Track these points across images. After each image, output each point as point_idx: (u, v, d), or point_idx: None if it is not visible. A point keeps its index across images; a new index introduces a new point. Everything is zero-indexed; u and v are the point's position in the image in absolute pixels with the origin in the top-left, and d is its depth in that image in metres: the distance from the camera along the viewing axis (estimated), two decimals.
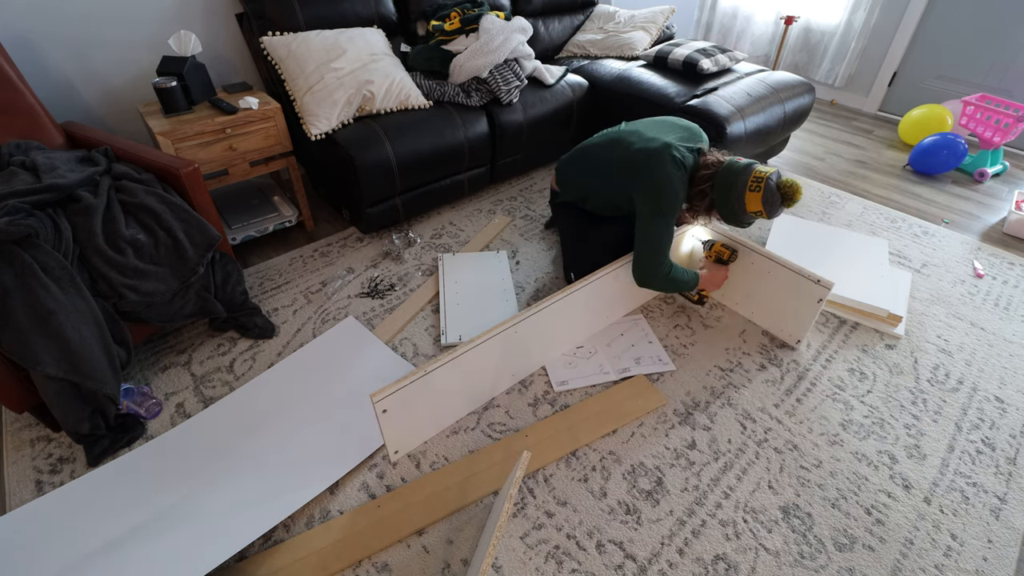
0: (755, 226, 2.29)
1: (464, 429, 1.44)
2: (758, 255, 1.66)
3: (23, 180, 1.34)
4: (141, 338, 1.51)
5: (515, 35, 2.27)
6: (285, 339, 1.71)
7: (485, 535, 1.09)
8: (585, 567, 1.15)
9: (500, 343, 1.40)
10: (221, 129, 1.79)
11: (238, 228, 2.03)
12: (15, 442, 1.40)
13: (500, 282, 1.92)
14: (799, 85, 2.50)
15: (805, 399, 1.54)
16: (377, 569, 1.14)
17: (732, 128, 2.16)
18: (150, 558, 1.13)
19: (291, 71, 1.94)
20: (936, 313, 1.86)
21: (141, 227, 1.41)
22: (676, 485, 1.31)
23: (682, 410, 1.50)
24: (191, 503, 1.24)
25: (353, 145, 1.88)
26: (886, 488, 1.32)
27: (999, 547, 1.21)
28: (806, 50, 3.79)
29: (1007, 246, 2.26)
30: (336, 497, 1.27)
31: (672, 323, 1.79)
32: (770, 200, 1.40)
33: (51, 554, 1.14)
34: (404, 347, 1.68)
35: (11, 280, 1.18)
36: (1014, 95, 3.01)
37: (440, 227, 2.27)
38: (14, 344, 1.17)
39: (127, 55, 1.94)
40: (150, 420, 1.45)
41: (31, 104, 1.58)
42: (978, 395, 1.56)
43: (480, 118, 2.18)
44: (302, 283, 1.95)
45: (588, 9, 3.01)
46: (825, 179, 2.75)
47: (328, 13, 2.10)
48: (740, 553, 1.18)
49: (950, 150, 2.69)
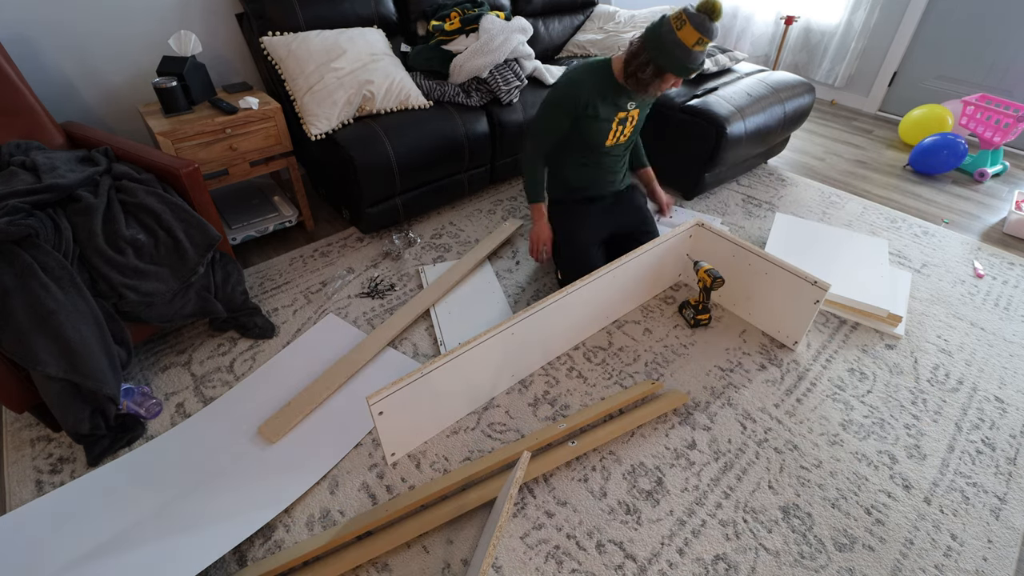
0: (755, 226, 2.29)
1: (464, 429, 1.44)
2: (756, 256, 1.66)
3: (23, 180, 1.34)
4: (141, 338, 1.51)
5: (515, 35, 2.27)
6: (285, 339, 1.71)
7: (485, 535, 1.09)
8: (585, 567, 1.15)
9: (499, 344, 1.40)
10: (221, 129, 1.79)
11: (238, 228, 2.03)
12: (15, 442, 1.40)
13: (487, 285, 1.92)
14: (799, 85, 2.50)
15: (805, 399, 1.54)
16: (377, 569, 1.14)
17: (732, 128, 2.16)
18: (150, 557, 1.13)
19: (291, 71, 1.94)
20: (936, 313, 1.86)
21: (141, 227, 1.41)
22: (676, 485, 1.31)
23: (682, 410, 1.50)
24: (190, 502, 1.24)
25: (353, 145, 1.88)
26: (886, 488, 1.32)
27: (999, 547, 1.21)
28: (806, 50, 3.79)
29: (1007, 246, 2.26)
30: (336, 497, 1.27)
31: (672, 323, 1.79)
32: (699, 23, 1.42)
33: (51, 554, 1.14)
34: (404, 347, 1.68)
35: (11, 280, 1.18)
36: (1014, 95, 3.01)
37: (440, 227, 2.27)
38: (14, 344, 1.17)
39: (127, 55, 1.94)
40: (150, 420, 1.45)
41: (31, 104, 1.58)
42: (978, 395, 1.56)
43: (480, 118, 2.18)
44: (302, 283, 1.95)
45: (588, 9, 3.01)
46: (825, 179, 2.75)
47: (328, 13, 2.10)
48: (740, 553, 1.18)
49: (950, 150, 2.69)
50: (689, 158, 2.32)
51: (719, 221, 2.29)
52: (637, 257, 1.64)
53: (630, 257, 1.61)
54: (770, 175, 2.74)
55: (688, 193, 2.47)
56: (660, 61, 1.48)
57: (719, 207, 2.44)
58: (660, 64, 1.48)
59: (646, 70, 1.51)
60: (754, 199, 2.51)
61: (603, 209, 1.83)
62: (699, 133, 2.22)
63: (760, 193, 2.57)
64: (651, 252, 1.69)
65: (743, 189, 2.60)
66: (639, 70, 1.52)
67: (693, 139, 2.25)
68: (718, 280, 1.63)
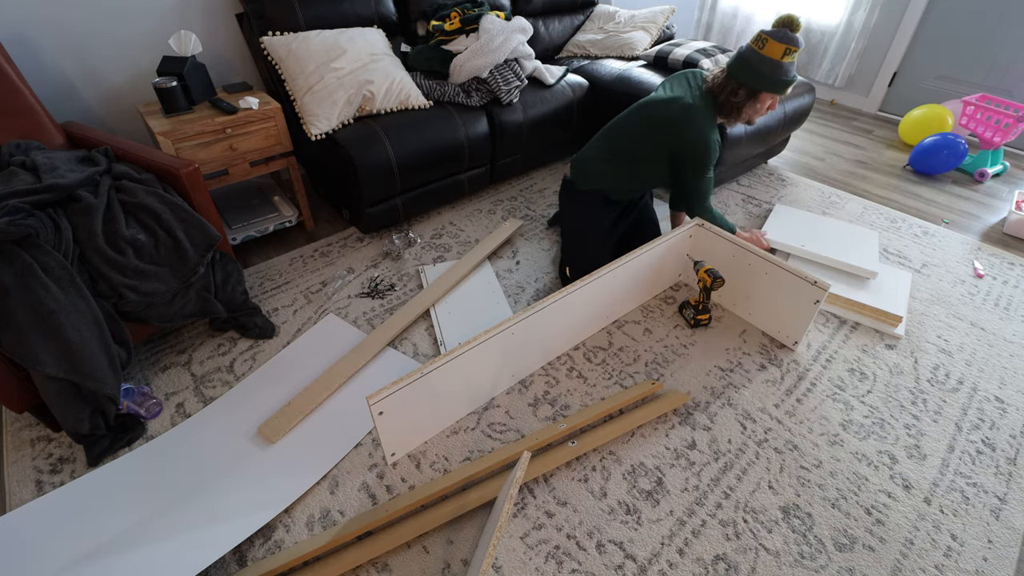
0: (755, 226, 2.29)
1: (464, 429, 1.44)
2: (756, 256, 1.66)
3: (23, 180, 1.34)
4: (141, 338, 1.51)
5: (515, 35, 2.27)
6: (285, 339, 1.71)
7: (485, 535, 1.09)
8: (585, 567, 1.15)
9: (499, 344, 1.40)
10: (221, 129, 1.79)
11: (238, 228, 2.03)
12: (15, 442, 1.40)
13: (487, 285, 1.92)
14: (799, 85, 2.50)
15: (805, 399, 1.54)
16: (377, 569, 1.14)
17: (732, 128, 2.16)
18: (150, 557, 1.13)
19: (291, 71, 1.94)
20: (936, 313, 1.86)
21: (141, 227, 1.41)
22: (676, 485, 1.31)
23: (682, 410, 1.50)
24: (190, 503, 1.24)
25: (353, 145, 1.88)
26: (886, 488, 1.32)
27: (999, 547, 1.21)
28: (806, 50, 3.78)
29: (1007, 246, 2.26)
30: (336, 498, 1.27)
31: (672, 323, 1.79)
32: (782, 36, 1.46)
33: (51, 554, 1.14)
34: (404, 347, 1.68)
35: (11, 280, 1.18)
36: (1014, 95, 3.00)
37: (440, 227, 2.27)
38: (14, 344, 1.17)
39: (127, 55, 1.94)
40: (150, 420, 1.45)
41: (31, 104, 1.58)
42: (978, 395, 1.56)
43: (480, 118, 2.18)
44: (302, 283, 1.95)
45: (588, 9, 3.01)
46: (825, 179, 2.75)
47: (328, 13, 2.10)
48: (740, 553, 1.18)
49: (950, 150, 2.69)
50: None
51: None
52: (637, 257, 1.64)
53: (630, 257, 1.61)
54: (770, 175, 2.74)
55: None
56: (751, 83, 1.52)
57: (719, 207, 2.44)
58: (752, 85, 1.52)
59: (739, 93, 1.55)
60: (754, 199, 2.51)
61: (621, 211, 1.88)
62: None
63: (760, 193, 2.57)
64: (651, 252, 1.69)
65: (743, 189, 2.60)
66: (732, 95, 1.55)
67: None
68: (718, 280, 1.63)
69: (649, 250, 1.67)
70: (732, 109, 1.57)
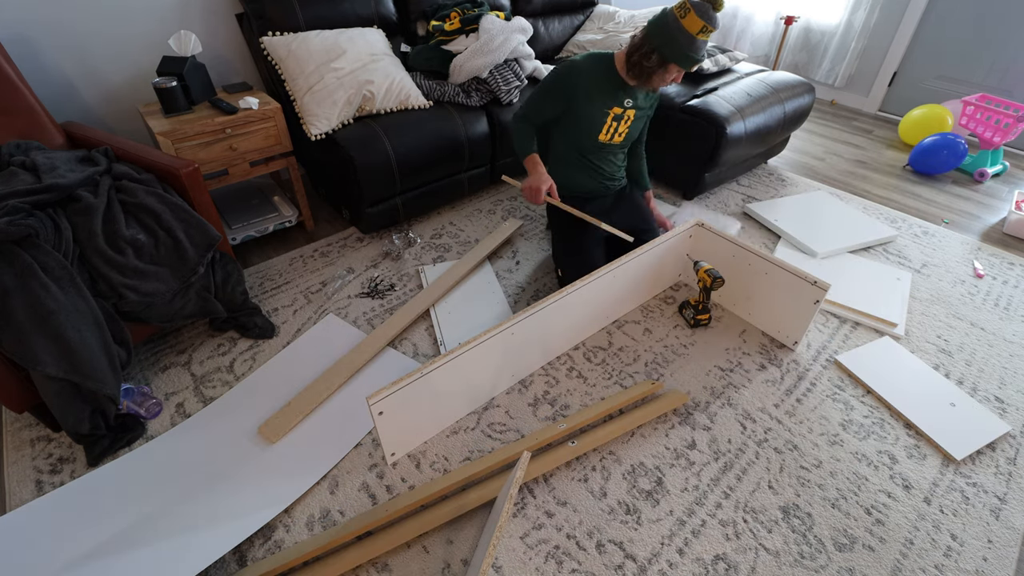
0: (756, 226, 2.29)
1: (464, 429, 1.44)
2: (756, 256, 1.66)
3: (23, 180, 1.34)
4: (141, 338, 1.51)
5: (515, 35, 2.27)
6: (285, 339, 1.71)
7: (485, 535, 1.09)
8: (585, 567, 1.15)
9: (499, 344, 1.40)
10: (221, 129, 1.79)
11: (238, 228, 2.03)
12: (15, 442, 1.40)
13: (487, 285, 1.92)
14: (799, 85, 2.50)
15: (805, 399, 1.54)
16: (377, 569, 1.14)
17: (732, 128, 2.16)
18: (150, 557, 1.13)
19: (291, 71, 1.94)
20: (936, 313, 1.86)
21: (141, 227, 1.41)
22: (676, 485, 1.31)
23: (682, 410, 1.50)
24: (190, 503, 1.24)
25: (353, 145, 1.88)
26: (886, 488, 1.32)
27: (999, 547, 1.21)
28: (806, 50, 3.79)
29: (1007, 246, 2.26)
30: (336, 497, 1.27)
31: (672, 323, 1.79)
32: (703, 11, 1.44)
33: (51, 554, 1.14)
34: (404, 347, 1.68)
35: (11, 280, 1.18)
36: (1014, 95, 3.01)
37: (440, 227, 2.27)
38: (14, 344, 1.17)
39: (127, 55, 1.94)
40: (150, 420, 1.45)
41: (31, 104, 1.58)
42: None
43: (480, 118, 2.18)
44: (302, 283, 1.95)
45: (588, 9, 3.01)
46: (825, 179, 2.75)
47: (328, 13, 2.10)
48: (740, 553, 1.18)
49: (950, 150, 2.69)
50: (689, 158, 2.32)
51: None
52: (637, 257, 1.64)
53: (630, 257, 1.61)
54: (770, 175, 2.74)
55: (688, 193, 2.47)
56: (664, 50, 1.50)
57: (719, 207, 2.44)
58: (664, 53, 1.50)
59: (650, 59, 1.53)
60: (754, 199, 2.51)
61: (603, 208, 1.84)
62: (699, 133, 2.22)
63: (760, 193, 2.57)
64: (651, 252, 1.69)
65: (743, 189, 2.60)
66: (643, 59, 1.54)
67: (693, 139, 2.25)
68: (718, 280, 1.63)
69: (649, 250, 1.67)
70: (642, 72, 1.57)
